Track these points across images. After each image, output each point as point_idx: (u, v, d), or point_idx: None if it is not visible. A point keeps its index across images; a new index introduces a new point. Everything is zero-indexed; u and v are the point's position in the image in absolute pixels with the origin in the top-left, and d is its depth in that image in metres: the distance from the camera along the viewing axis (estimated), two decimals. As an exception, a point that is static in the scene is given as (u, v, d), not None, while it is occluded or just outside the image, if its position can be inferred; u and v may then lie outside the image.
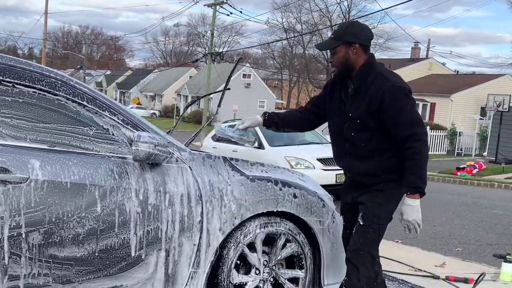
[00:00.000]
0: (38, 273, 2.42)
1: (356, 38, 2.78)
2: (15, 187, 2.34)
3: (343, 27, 2.88)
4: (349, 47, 2.77)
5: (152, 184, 2.67)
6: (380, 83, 2.72)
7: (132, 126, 2.72)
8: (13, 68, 2.49)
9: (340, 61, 2.81)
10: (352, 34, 2.79)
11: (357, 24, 2.91)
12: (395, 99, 2.68)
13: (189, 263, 2.78)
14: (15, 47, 66.88)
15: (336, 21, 40.51)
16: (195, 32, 61.71)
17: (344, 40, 2.77)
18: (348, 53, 2.78)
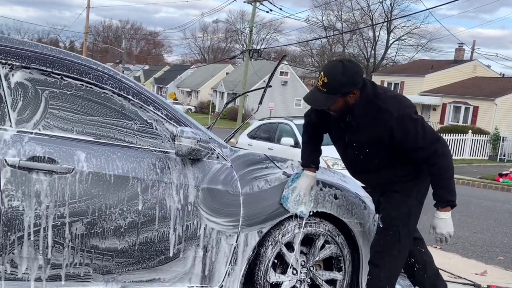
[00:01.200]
0: (79, 262, 2.47)
1: (353, 86, 2.65)
2: (61, 177, 2.39)
3: (336, 79, 2.61)
4: (346, 96, 2.67)
5: (193, 179, 2.68)
6: (385, 118, 2.65)
7: (175, 121, 2.73)
8: (62, 60, 2.53)
9: (339, 109, 2.73)
10: (349, 84, 2.63)
11: (348, 68, 2.64)
12: (404, 130, 2.65)
13: (226, 260, 2.78)
14: (57, 40, 68.84)
15: (378, 20, 39.95)
16: (234, 28, 62.02)
17: (341, 93, 2.65)
18: (347, 100, 2.69)
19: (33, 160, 2.34)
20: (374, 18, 41.20)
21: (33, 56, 2.47)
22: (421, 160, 2.74)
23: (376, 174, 2.90)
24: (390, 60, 45.86)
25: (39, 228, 2.35)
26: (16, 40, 2.53)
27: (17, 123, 2.39)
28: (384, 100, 2.69)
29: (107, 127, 2.58)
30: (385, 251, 2.87)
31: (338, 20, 43.85)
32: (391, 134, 2.65)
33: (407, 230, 2.88)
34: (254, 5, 26.10)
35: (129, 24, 79.66)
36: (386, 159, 2.82)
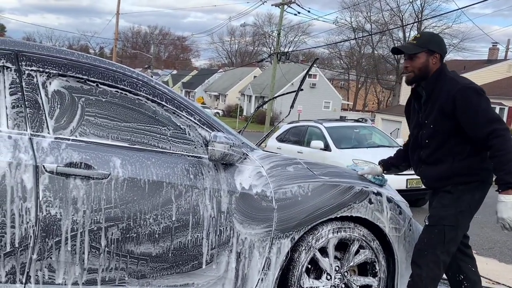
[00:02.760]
0: (115, 267, 2.49)
1: (439, 48, 2.90)
2: (97, 183, 2.42)
3: (428, 35, 2.96)
4: (430, 55, 2.88)
5: (226, 184, 2.68)
6: (450, 87, 2.77)
7: (208, 126, 2.74)
8: (97, 68, 2.58)
9: (418, 67, 2.89)
10: (436, 43, 2.90)
11: (439, 36, 3.03)
12: (467, 101, 2.70)
13: (259, 265, 2.76)
14: (87, 46, 70.36)
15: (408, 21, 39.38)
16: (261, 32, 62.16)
17: (428, 48, 2.87)
18: (428, 61, 2.88)
19: (70, 166, 2.38)
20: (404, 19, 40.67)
21: (70, 64, 2.52)
22: (480, 141, 2.70)
23: (436, 165, 2.87)
24: (420, 61, 45.09)
25: (76, 233, 2.39)
26: (52, 48, 2.58)
27: (55, 130, 2.43)
28: (456, 75, 2.86)
29: (141, 133, 2.60)
30: (428, 250, 2.85)
31: (367, 21, 43.48)
32: (453, 103, 2.71)
33: (453, 233, 2.84)
34: (282, 8, 26.08)
35: (158, 30, 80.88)
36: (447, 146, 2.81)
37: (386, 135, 10.39)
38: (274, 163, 2.86)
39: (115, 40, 40.14)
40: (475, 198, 2.85)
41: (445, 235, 2.82)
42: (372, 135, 10.15)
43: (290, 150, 9.84)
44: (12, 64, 2.41)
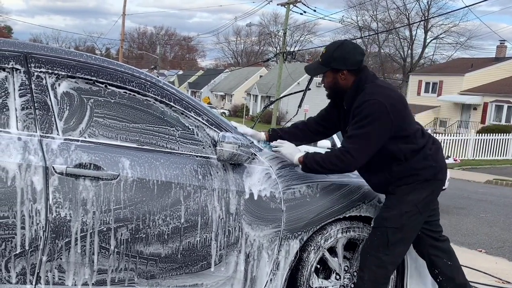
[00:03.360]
0: (124, 267, 2.50)
1: (343, 65, 2.71)
2: (106, 183, 2.43)
3: (330, 51, 2.73)
4: (336, 73, 2.74)
5: (234, 185, 2.68)
6: (362, 98, 2.64)
7: (216, 127, 2.74)
8: (106, 69, 2.58)
9: (329, 86, 2.80)
10: (339, 60, 2.70)
11: (345, 46, 2.74)
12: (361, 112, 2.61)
13: (268, 265, 2.76)
14: (94, 47, 70.61)
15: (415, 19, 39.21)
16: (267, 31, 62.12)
17: (331, 67, 2.73)
18: (336, 79, 2.75)
19: (80, 167, 2.39)
20: (410, 17, 40.51)
21: (78, 65, 2.53)
22: None
23: (375, 174, 2.82)
24: (427, 60, 44.94)
25: (85, 233, 2.40)
26: (61, 50, 2.59)
27: (64, 132, 2.44)
28: (370, 87, 2.68)
29: (149, 134, 2.61)
30: (371, 252, 2.78)
31: (373, 20, 43.34)
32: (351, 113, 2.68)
33: (398, 235, 2.75)
34: (288, 8, 26.06)
35: (163, 30, 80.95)
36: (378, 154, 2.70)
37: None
38: (282, 163, 2.85)
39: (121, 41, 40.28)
40: (422, 197, 2.75)
41: (388, 237, 2.74)
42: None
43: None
44: (21, 66, 2.42)
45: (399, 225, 2.75)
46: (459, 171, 15.74)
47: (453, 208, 8.91)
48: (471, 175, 15.05)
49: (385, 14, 42.49)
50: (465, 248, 5.80)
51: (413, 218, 2.77)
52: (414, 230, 2.83)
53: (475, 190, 11.84)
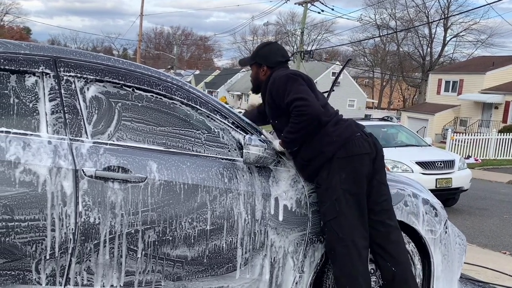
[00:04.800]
0: (152, 269, 2.52)
1: (264, 61, 3.00)
2: (134, 186, 2.45)
3: (258, 48, 3.09)
4: (259, 67, 3.02)
5: (260, 188, 2.68)
6: (271, 80, 2.87)
7: (241, 129, 2.74)
8: (133, 73, 2.60)
9: (252, 77, 3.09)
10: (263, 56, 3.01)
11: (271, 46, 3.08)
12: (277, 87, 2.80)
13: (294, 267, 2.76)
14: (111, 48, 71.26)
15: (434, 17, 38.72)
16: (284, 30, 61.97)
17: (255, 61, 3.03)
18: (258, 73, 3.03)
19: (108, 170, 2.42)
20: (430, 15, 40.04)
21: (106, 69, 2.55)
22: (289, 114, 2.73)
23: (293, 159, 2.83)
24: (447, 58, 44.33)
25: (114, 236, 2.42)
26: (90, 54, 2.62)
27: (93, 135, 2.47)
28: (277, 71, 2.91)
29: (176, 137, 2.62)
30: (332, 249, 2.72)
31: (392, 18, 42.94)
32: (270, 94, 2.84)
33: (345, 223, 2.67)
34: (305, 6, 25.97)
35: (180, 30, 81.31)
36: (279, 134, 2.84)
37: (414, 134, 10.24)
38: (307, 166, 2.84)
39: (139, 41, 40.61)
40: (342, 177, 2.69)
41: (334, 230, 2.68)
42: (399, 134, 10.02)
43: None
44: (51, 70, 2.46)
45: (336, 214, 2.68)
46: (480, 171, 15.50)
47: (475, 209, 8.79)
48: (492, 175, 14.80)
49: (404, 12, 42.11)
50: (488, 250, 5.72)
51: (345, 202, 2.69)
52: (358, 212, 2.71)
53: (497, 191, 11.66)
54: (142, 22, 38.88)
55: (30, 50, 2.46)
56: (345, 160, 2.70)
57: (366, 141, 2.76)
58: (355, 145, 2.72)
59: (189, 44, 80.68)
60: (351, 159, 2.71)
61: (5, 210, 2.24)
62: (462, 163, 8.66)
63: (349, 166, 2.70)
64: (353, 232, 2.69)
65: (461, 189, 8.41)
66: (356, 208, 2.71)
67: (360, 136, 2.76)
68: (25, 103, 2.38)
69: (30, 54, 2.44)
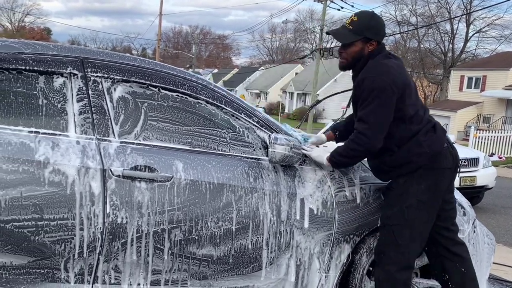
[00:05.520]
0: (178, 268, 2.53)
1: (377, 35, 2.69)
2: (160, 185, 2.46)
3: (366, 20, 2.68)
4: (366, 42, 2.68)
5: (285, 187, 2.67)
6: (360, 76, 2.62)
7: (266, 128, 2.73)
8: (159, 73, 2.61)
9: (352, 56, 2.71)
10: (375, 30, 2.68)
11: (378, 17, 2.74)
12: (362, 90, 2.58)
13: (320, 267, 2.74)
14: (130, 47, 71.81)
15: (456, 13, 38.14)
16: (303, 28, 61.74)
17: (365, 36, 2.66)
18: (363, 49, 2.69)
19: (135, 169, 2.43)
20: (451, 11, 39.43)
21: (133, 69, 2.57)
22: None
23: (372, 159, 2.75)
24: (470, 54, 43.57)
25: (141, 234, 2.44)
26: (116, 54, 2.64)
27: (120, 135, 2.49)
28: (375, 63, 2.64)
29: (201, 136, 2.62)
30: (382, 251, 2.68)
31: (412, 14, 42.40)
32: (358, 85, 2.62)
33: (406, 232, 2.62)
34: (325, 4, 25.80)
35: (198, 29, 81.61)
36: None
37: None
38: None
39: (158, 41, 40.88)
40: (421, 188, 2.61)
41: (395, 235, 2.63)
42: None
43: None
44: (78, 71, 2.48)
45: (403, 221, 2.63)
46: (504, 169, 15.22)
47: (500, 207, 8.63)
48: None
49: (425, 8, 41.53)
50: (508, 248, 5.62)
51: (417, 212, 2.63)
52: (423, 225, 2.67)
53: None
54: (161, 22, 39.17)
55: (58, 51, 2.49)
56: (429, 172, 2.64)
57: (450, 154, 2.71)
58: (442, 158, 2.66)
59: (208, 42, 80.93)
60: (436, 172, 2.65)
61: (34, 209, 2.27)
62: (487, 160, 8.51)
63: (431, 178, 2.64)
64: (410, 245, 2.67)
65: (485, 187, 8.25)
66: (424, 220, 2.67)
67: (447, 148, 2.69)
68: (54, 103, 2.41)
69: (58, 55, 2.47)
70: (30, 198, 2.27)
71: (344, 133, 2.98)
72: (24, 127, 2.33)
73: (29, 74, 2.40)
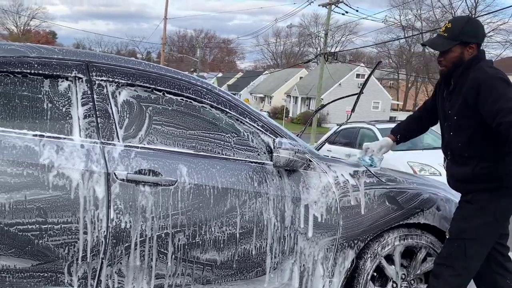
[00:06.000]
0: (182, 272, 2.52)
1: (474, 38, 2.61)
2: (164, 189, 2.45)
3: (460, 25, 2.62)
4: (465, 47, 2.60)
5: (290, 192, 2.66)
6: (476, 76, 2.52)
7: (271, 132, 2.73)
8: (163, 77, 2.62)
9: (452, 62, 2.64)
10: (471, 33, 2.61)
11: (474, 21, 2.70)
12: (492, 90, 2.43)
13: (324, 273, 2.73)
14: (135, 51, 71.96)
15: (461, 17, 38.02)
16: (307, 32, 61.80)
17: (461, 40, 2.59)
18: (463, 53, 2.61)
19: (140, 173, 2.43)
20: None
21: (137, 73, 2.57)
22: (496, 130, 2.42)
23: (458, 166, 2.67)
24: (474, 59, 43.50)
25: (144, 239, 2.43)
26: (121, 58, 2.65)
27: (124, 139, 2.49)
28: (486, 65, 2.58)
29: (206, 141, 2.62)
30: (447, 264, 2.65)
31: (417, 19, 42.45)
32: (477, 93, 2.47)
33: (476, 248, 2.62)
34: (329, 8, 25.82)
35: (203, 33, 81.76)
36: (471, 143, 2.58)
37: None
38: (338, 169, 2.81)
39: (163, 45, 40.96)
40: (501, 206, 2.58)
41: (466, 249, 2.61)
42: (426, 136, 9.85)
43: (341, 153, 9.70)
44: (83, 74, 2.48)
45: (477, 236, 2.62)
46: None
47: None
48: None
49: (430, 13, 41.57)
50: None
51: (491, 229, 2.64)
52: (491, 243, 2.69)
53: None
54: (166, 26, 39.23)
55: (63, 55, 2.49)
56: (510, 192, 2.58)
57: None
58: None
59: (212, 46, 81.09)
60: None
61: (38, 212, 2.27)
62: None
63: (509, 198, 2.59)
64: (476, 261, 2.67)
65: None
66: (494, 239, 2.68)
67: None
68: (58, 107, 2.42)
69: (63, 58, 2.48)
70: (34, 202, 2.27)
71: (406, 134, 3.06)
72: (29, 131, 2.34)
73: (34, 78, 2.40)
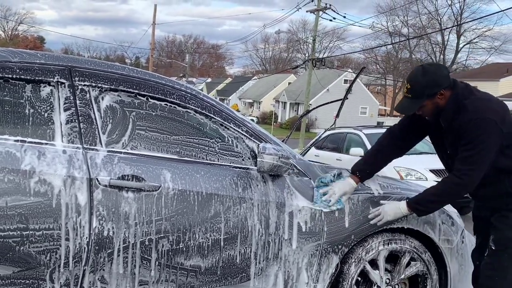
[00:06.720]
0: (166, 279, 2.51)
1: (437, 87, 2.57)
2: (148, 195, 2.44)
3: (418, 82, 2.58)
4: (434, 97, 2.58)
5: (274, 197, 2.66)
6: (466, 117, 2.51)
7: (255, 138, 2.73)
8: (147, 82, 2.61)
9: (431, 112, 2.65)
10: (432, 84, 2.56)
11: (430, 70, 2.61)
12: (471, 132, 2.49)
13: (308, 278, 2.73)
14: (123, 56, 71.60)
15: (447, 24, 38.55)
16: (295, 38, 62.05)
17: (427, 95, 2.57)
18: (436, 103, 2.60)
19: (123, 179, 2.41)
20: (442, 22, 39.88)
21: (121, 78, 2.56)
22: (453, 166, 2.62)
23: (479, 189, 2.64)
24: (460, 65, 44.04)
25: (127, 245, 2.41)
26: (104, 63, 2.63)
27: (107, 144, 2.47)
28: (472, 101, 2.55)
29: (190, 146, 2.61)
30: (499, 275, 2.63)
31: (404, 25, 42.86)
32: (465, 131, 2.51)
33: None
34: (317, 15, 25.96)
35: (192, 39, 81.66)
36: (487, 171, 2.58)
37: (427, 141, 10.14)
38: (322, 175, 2.82)
39: (152, 50, 40.85)
40: None
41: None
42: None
43: (328, 158, 9.73)
44: (66, 79, 2.47)
45: None
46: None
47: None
48: None
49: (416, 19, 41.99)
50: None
51: None
52: None
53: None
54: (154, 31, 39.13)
55: (45, 60, 2.47)
56: None
57: None
58: None
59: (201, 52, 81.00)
60: None
61: (20, 219, 2.25)
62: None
63: None
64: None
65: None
66: None
67: None
68: (40, 112, 2.39)
69: (46, 63, 2.46)
70: (15, 208, 2.24)
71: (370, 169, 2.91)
72: (10, 136, 2.31)
73: (16, 83, 2.38)
